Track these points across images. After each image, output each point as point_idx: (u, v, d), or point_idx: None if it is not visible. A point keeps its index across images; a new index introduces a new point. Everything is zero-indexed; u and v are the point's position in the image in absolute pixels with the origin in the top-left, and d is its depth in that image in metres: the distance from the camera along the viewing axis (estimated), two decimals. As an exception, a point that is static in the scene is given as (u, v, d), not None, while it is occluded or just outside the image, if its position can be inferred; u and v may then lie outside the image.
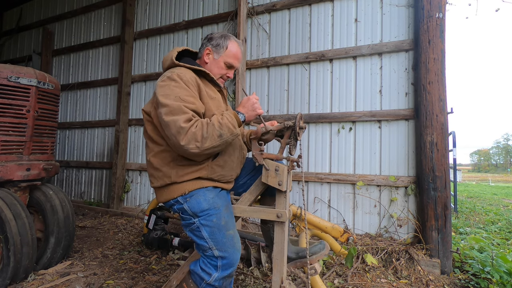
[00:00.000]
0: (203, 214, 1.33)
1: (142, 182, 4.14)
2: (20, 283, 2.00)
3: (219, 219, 1.33)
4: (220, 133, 1.26)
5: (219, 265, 1.29)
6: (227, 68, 1.54)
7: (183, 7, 3.99)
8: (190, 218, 1.36)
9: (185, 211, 1.36)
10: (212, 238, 1.31)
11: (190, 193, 1.36)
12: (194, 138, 1.22)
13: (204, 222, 1.32)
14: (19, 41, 5.84)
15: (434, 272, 2.22)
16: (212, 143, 1.25)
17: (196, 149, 1.23)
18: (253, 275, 2.13)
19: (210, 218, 1.33)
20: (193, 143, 1.22)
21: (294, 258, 1.60)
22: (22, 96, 2.17)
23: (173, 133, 1.23)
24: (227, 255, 1.30)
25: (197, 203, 1.34)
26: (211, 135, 1.24)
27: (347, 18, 3.00)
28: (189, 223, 1.36)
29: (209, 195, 1.37)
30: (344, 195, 2.90)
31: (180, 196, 1.37)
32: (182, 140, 1.22)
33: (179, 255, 2.54)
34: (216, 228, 1.32)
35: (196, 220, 1.34)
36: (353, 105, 2.92)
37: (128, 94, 4.27)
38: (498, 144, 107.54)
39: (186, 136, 1.22)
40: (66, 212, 2.35)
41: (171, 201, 1.41)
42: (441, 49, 2.45)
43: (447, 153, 2.41)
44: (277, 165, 1.37)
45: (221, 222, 1.33)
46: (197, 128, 1.23)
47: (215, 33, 1.55)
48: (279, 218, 1.39)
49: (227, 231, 1.33)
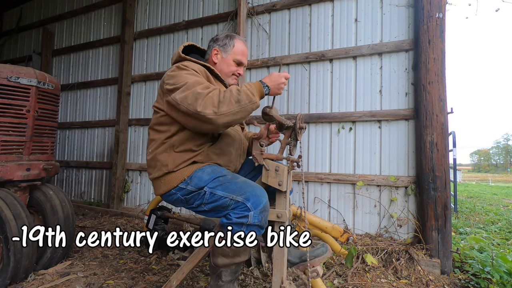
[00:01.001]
0: (209, 181, 1.35)
1: (142, 182, 4.14)
2: (20, 283, 2.00)
3: (225, 176, 1.35)
4: (238, 98, 1.23)
5: (249, 205, 1.28)
6: (236, 66, 1.59)
7: (183, 7, 3.99)
8: (199, 192, 1.36)
9: (191, 192, 1.37)
10: (228, 191, 1.31)
11: (189, 177, 1.37)
12: (211, 102, 1.21)
13: (213, 185, 1.34)
14: (19, 41, 5.83)
15: (434, 272, 2.22)
16: (230, 108, 1.22)
17: (213, 114, 1.20)
18: (253, 275, 2.13)
19: (217, 179, 1.34)
20: (210, 107, 1.20)
21: (297, 262, 1.59)
22: (22, 96, 2.17)
23: (190, 102, 1.22)
24: (250, 194, 1.29)
25: (198, 179, 1.36)
26: (228, 99, 1.22)
27: (347, 18, 3.00)
28: (201, 196, 1.36)
29: (207, 169, 1.39)
30: (344, 195, 2.90)
31: (181, 183, 1.38)
32: (199, 105, 1.20)
33: (179, 255, 2.54)
34: (226, 182, 1.33)
35: (206, 188, 1.34)
36: (353, 105, 2.92)
37: (128, 94, 4.27)
38: (498, 144, 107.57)
39: (203, 100, 1.21)
40: (66, 212, 2.35)
41: (172, 191, 1.41)
42: (441, 49, 2.45)
43: (447, 153, 2.41)
44: (277, 165, 1.37)
45: (228, 177, 1.35)
46: (214, 93, 1.23)
47: (220, 34, 1.61)
48: (279, 219, 1.39)
49: (237, 179, 1.35)
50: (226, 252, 1.34)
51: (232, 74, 1.59)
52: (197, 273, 2.21)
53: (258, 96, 1.31)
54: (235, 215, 1.29)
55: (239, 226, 1.29)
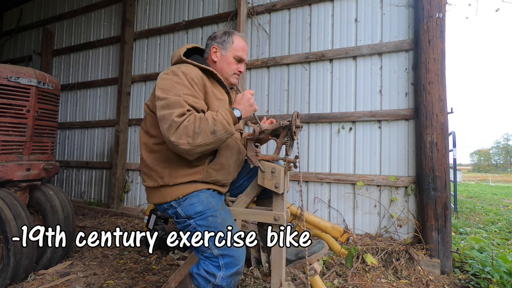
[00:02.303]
0: (198, 215, 1.29)
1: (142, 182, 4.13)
2: (20, 283, 2.00)
3: (215, 218, 1.29)
4: (214, 129, 1.18)
5: (221, 263, 1.23)
6: (237, 63, 1.53)
7: (183, 7, 3.99)
8: (185, 220, 1.31)
9: (179, 215, 1.32)
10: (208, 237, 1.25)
11: (183, 197, 1.32)
12: (185, 133, 1.16)
13: (200, 223, 1.28)
14: (19, 41, 5.83)
15: (434, 272, 2.22)
16: (205, 140, 1.17)
17: (187, 145, 1.16)
18: (253, 275, 2.13)
19: (206, 217, 1.28)
20: (184, 138, 1.15)
21: (294, 260, 1.58)
22: (22, 96, 2.17)
23: (166, 128, 1.17)
24: (227, 252, 1.23)
25: (190, 206, 1.30)
26: (204, 130, 1.17)
27: (347, 18, 3.00)
28: (185, 225, 1.32)
29: (203, 196, 1.33)
30: (344, 195, 2.90)
31: (174, 200, 1.33)
32: (173, 135, 1.16)
33: (179, 255, 2.55)
34: (213, 227, 1.26)
35: (192, 221, 1.30)
36: (353, 105, 2.92)
37: (128, 94, 4.27)
38: (498, 144, 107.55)
39: (177, 131, 1.16)
40: (66, 212, 2.35)
41: (164, 205, 1.37)
42: (441, 49, 2.45)
43: (447, 153, 2.41)
44: (273, 167, 1.32)
45: (218, 220, 1.28)
46: (189, 122, 1.17)
47: (218, 32, 1.55)
48: (277, 221, 1.35)
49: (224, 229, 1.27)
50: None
51: (234, 73, 1.53)
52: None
53: (233, 124, 1.26)
54: (205, 266, 1.25)
55: (205, 282, 1.24)
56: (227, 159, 1.43)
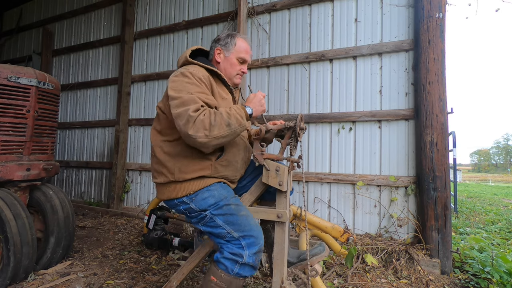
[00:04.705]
0: (212, 206, 1.36)
1: (142, 182, 4.14)
2: (20, 283, 2.00)
3: (229, 206, 1.36)
4: (228, 122, 1.26)
5: (244, 244, 1.29)
6: (240, 64, 1.60)
7: (183, 7, 3.99)
8: (200, 213, 1.37)
9: (193, 210, 1.38)
10: (227, 223, 1.32)
11: (195, 193, 1.38)
12: (202, 126, 1.23)
13: (215, 212, 1.35)
14: (19, 41, 5.83)
15: (434, 272, 2.22)
16: (220, 132, 1.25)
17: (204, 137, 1.23)
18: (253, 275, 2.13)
19: (221, 207, 1.35)
20: (202, 131, 1.22)
21: (295, 262, 1.60)
22: (22, 96, 2.17)
23: (183, 123, 1.24)
24: (246, 233, 1.30)
25: (203, 200, 1.36)
26: (219, 123, 1.25)
27: (347, 18, 3.00)
28: (201, 218, 1.38)
29: (214, 190, 1.39)
30: (344, 195, 2.90)
31: (185, 196, 1.39)
32: (191, 129, 1.22)
33: (179, 255, 2.55)
34: (228, 213, 1.34)
35: (207, 212, 1.36)
36: (353, 105, 2.92)
37: (128, 94, 4.27)
38: (498, 144, 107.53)
39: (194, 124, 1.22)
40: (66, 212, 2.35)
41: (175, 201, 1.42)
42: (441, 49, 2.45)
43: (447, 153, 2.41)
44: (277, 166, 1.38)
45: (232, 207, 1.36)
46: (205, 116, 1.24)
47: (221, 34, 1.62)
48: (280, 218, 1.40)
49: (240, 213, 1.35)
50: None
51: (237, 74, 1.60)
52: (197, 273, 2.21)
53: (245, 118, 1.35)
54: (229, 249, 1.30)
55: (232, 263, 1.29)
56: (234, 156, 1.48)
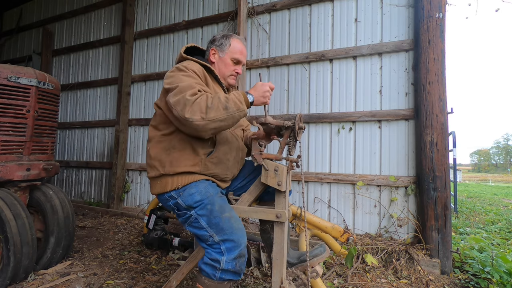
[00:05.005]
0: (198, 204, 1.35)
1: (142, 182, 4.14)
2: (20, 283, 2.00)
3: (213, 206, 1.35)
4: (226, 105, 1.24)
5: (223, 249, 1.29)
6: (234, 64, 1.60)
7: (183, 7, 3.99)
8: (186, 212, 1.38)
9: (180, 206, 1.38)
10: (210, 225, 1.32)
11: (182, 188, 1.38)
12: (199, 108, 1.21)
13: (200, 213, 1.34)
14: (19, 41, 5.83)
15: (434, 272, 2.22)
16: (217, 115, 1.22)
17: (201, 120, 1.21)
18: (253, 275, 2.13)
19: (205, 207, 1.34)
20: (198, 113, 1.21)
21: (296, 263, 1.60)
22: (22, 96, 2.17)
23: (180, 108, 1.23)
24: (227, 237, 1.29)
25: (190, 196, 1.36)
26: (216, 106, 1.23)
27: (347, 18, 3.00)
28: (187, 217, 1.38)
29: (201, 186, 1.39)
30: (344, 195, 2.90)
31: (173, 190, 1.39)
32: (187, 112, 1.21)
33: (179, 255, 2.55)
34: (212, 215, 1.33)
35: (193, 212, 1.36)
36: (353, 105, 2.92)
37: (128, 94, 4.27)
38: (498, 144, 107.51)
39: (191, 107, 1.21)
40: (66, 212, 2.35)
41: (165, 196, 1.42)
42: (441, 49, 2.45)
43: (447, 153, 2.41)
44: (276, 165, 1.37)
45: (215, 207, 1.35)
46: (201, 99, 1.23)
47: (217, 35, 1.63)
48: (279, 219, 1.39)
49: (223, 214, 1.34)
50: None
51: (231, 74, 1.60)
52: (197, 274, 2.20)
53: (245, 104, 1.31)
54: (208, 255, 1.31)
55: (213, 269, 1.29)
56: (225, 154, 1.48)
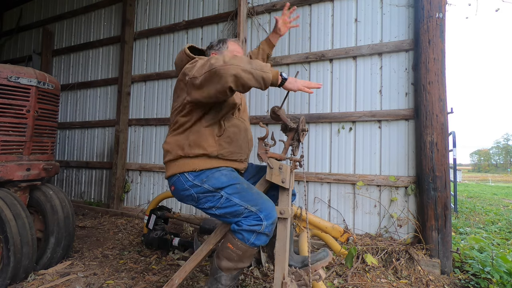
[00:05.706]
0: (226, 185, 1.44)
1: (142, 182, 4.14)
2: (20, 283, 2.00)
3: (242, 185, 1.45)
4: (250, 61, 1.30)
5: (262, 216, 1.37)
6: None
7: (183, 7, 3.99)
8: (215, 195, 1.44)
9: (207, 190, 1.44)
10: (243, 200, 1.40)
11: (202, 172, 1.46)
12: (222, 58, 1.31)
13: (230, 191, 1.43)
14: (19, 41, 5.83)
15: (434, 272, 2.22)
16: (239, 63, 1.27)
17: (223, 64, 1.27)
18: (253, 275, 2.14)
19: (234, 186, 1.44)
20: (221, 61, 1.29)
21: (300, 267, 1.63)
22: (22, 96, 2.17)
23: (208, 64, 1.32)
24: (262, 207, 1.39)
25: (216, 179, 1.45)
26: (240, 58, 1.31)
27: (347, 18, 3.00)
28: (215, 200, 1.44)
29: (225, 171, 1.49)
30: (344, 195, 2.90)
31: (191, 171, 1.46)
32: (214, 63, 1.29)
33: (179, 255, 2.55)
34: (243, 191, 1.43)
35: (222, 192, 1.43)
36: (353, 105, 2.92)
37: (128, 94, 4.27)
38: (498, 144, 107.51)
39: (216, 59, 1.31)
40: (66, 212, 2.35)
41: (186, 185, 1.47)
42: (441, 49, 2.45)
43: (447, 153, 2.41)
44: (280, 164, 1.46)
45: (244, 186, 1.46)
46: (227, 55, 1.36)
47: (213, 41, 1.75)
48: (282, 215, 1.46)
49: (252, 190, 1.45)
50: (232, 256, 1.41)
51: None
52: (197, 273, 2.21)
53: (271, 74, 1.31)
54: (247, 222, 1.38)
55: (249, 234, 1.38)
56: (234, 134, 1.57)
